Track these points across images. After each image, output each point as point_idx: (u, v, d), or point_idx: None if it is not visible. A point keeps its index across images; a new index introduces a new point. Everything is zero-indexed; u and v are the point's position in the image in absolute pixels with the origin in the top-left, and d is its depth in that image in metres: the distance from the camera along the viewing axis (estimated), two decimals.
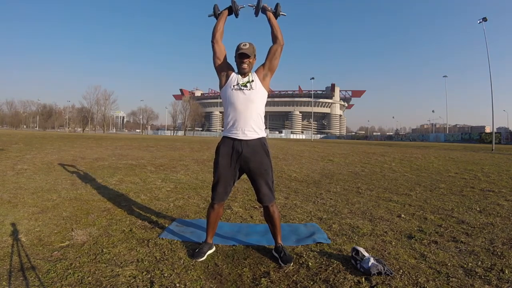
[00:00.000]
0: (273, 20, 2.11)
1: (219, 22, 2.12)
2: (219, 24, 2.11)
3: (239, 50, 1.95)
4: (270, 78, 2.07)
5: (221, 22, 2.12)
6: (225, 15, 2.16)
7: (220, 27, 2.10)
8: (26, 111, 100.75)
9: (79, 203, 3.20)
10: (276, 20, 2.13)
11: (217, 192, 2.01)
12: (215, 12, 2.18)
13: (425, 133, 79.33)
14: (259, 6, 2.17)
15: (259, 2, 2.17)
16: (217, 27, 2.10)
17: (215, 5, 2.19)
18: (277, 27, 2.08)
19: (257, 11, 2.20)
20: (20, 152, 8.39)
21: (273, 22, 2.10)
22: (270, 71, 2.07)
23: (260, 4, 2.16)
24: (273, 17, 2.13)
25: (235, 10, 2.19)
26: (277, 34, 2.06)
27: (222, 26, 2.12)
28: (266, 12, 2.15)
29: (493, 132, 18.82)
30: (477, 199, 3.80)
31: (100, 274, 1.69)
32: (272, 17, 2.12)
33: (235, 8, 2.18)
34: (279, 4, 2.18)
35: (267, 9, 2.16)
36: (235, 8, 2.18)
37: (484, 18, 18.39)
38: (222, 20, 2.13)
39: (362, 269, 1.74)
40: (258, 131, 2.00)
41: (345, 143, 32.47)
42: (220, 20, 2.13)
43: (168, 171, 5.84)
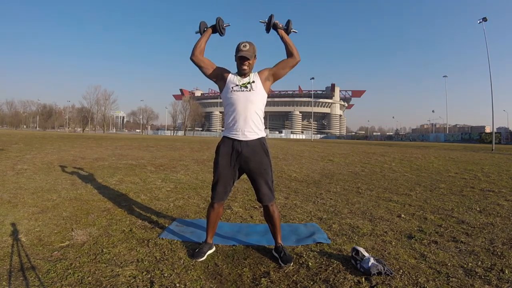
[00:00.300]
0: (286, 37, 2.08)
1: (200, 40, 2.08)
2: (200, 42, 2.07)
3: (239, 52, 1.93)
4: (272, 82, 2.08)
5: (203, 40, 2.08)
6: (209, 33, 2.12)
7: (201, 45, 2.06)
8: (26, 111, 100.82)
9: (79, 203, 3.20)
10: (288, 37, 2.10)
11: (217, 191, 2.01)
12: (200, 29, 2.13)
13: (425, 133, 79.34)
14: (270, 23, 2.11)
15: (271, 19, 2.11)
16: (197, 45, 2.06)
17: (201, 22, 2.14)
18: (292, 44, 2.06)
19: (268, 28, 2.14)
20: (20, 152, 8.40)
21: (286, 40, 2.07)
22: (274, 78, 2.07)
23: (272, 21, 2.11)
24: (285, 34, 2.10)
25: (220, 29, 2.13)
26: (292, 51, 2.04)
27: (203, 44, 2.08)
28: (278, 29, 2.11)
29: (493, 132, 18.82)
30: (477, 199, 3.80)
31: (100, 274, 1.69)
32: (284, 35, 2.09)
33: (219, 27, 2.12)
34: (290, 21, 2.13)
35: (278, 26, 2.11)
36: (219, 27, 2.12)
37: (484, 18, 18.39)
38: (205, 38, 2.09)
39: (362, 269, 1.74)
40: (258, 131, 2.01)
41: (345, 143, 32.47)
42: (202, 37, 2.09)
43: (168, 171, 5.84)
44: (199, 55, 2.05)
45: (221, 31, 2.16)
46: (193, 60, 2.05)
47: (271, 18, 2.12)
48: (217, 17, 2.12)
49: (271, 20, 2.11)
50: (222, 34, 2.18)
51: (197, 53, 2.05)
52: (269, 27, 2.14)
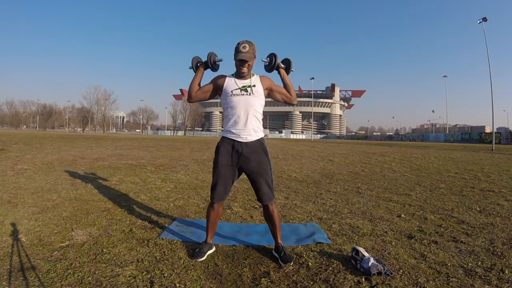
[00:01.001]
0: (287, 80, 2.13)
1: (194, 81, 2.07)
2: (193, 84, 2.07)
3: (238, 55, 1.92)
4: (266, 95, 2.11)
5: (196, 82, 2.07)
6: (201, 72, 2.09)
7: (195, 87, 2.07)
8: (26, 111, 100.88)
9: (79, 203, 3.20)
10: (289, 78, 2.14)
11: (217, 191, 2.01)
12: (193, 65, 2.10)
13: (425, 133, 79.30)
14: (274, 64, 2.08)
15: (275, 60, 2.07)
16: (192, 88, 2.07)
17: (193, 58, 2.12)
18: (291, 86, 2.14)
19: (271, 68, 2.11)
20: (20, 152, 8.40)
21: (287, 82, 2.13)
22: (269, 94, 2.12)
23: (275, 62, 2.07)
24: (287, 76, 2.14)
25: (211, 65, 2.08)
26: (290, 93, 2.13)
27: (197, 85, 2.07)
28: (279, 69, 2.12)
29: (493, 132, 18.83)
30: (477, 199, 3.80)
31: (100, 274, 1.69)
32: (286, 77, 2.13)
33: (212, 64, 2.07)
34: (291, 61, 2.14)
35: (280, 66, 2.12)
36: (212, 64, 2.07)
37: (484, 18, 18.40)
38: (197, 79, 2.08)
39: (362, 269, 1.74)
40: (257, 133, 2.02)
41: (345, 143, 32.47)
42: (195, 79, 2.08)
43: (168, 171, 5.84)
44: (193, 96, 2.07)
45: (213, 67, 2.11)
46: (191, 102, 2.14)
47: (275, 58, 2.07)
48: (208, 53, 2.07)
49: (275, 60, 2.07)
50: (214, 70, 2.13)
51: (193, 96, 2.08)
52: (272, 68, 2.10)
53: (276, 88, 2.12)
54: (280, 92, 2.13)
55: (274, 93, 2.12)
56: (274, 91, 2.11)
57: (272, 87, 2.10)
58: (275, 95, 2.13)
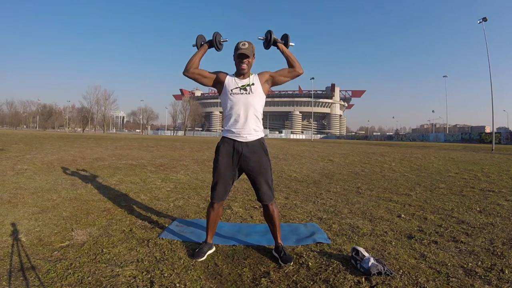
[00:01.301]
0: (287, 51, 2.08)
1: (195, 56, 2.03)
2: (194, 58, 2.01)
3: (238, 50, 1.93)
4: (270, 86, 2.09)
5: (198, 56, 2.03)
6: (205, 49, 2.07)
7: (195, 62, 2.01)
8: (26, 111, 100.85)
9: (79, 203, 3.20)
10: (289, 50, 2.10)
11: (217, 191, 2.01)
12: (197, 43, 2.09)
13: (425, 133, 79.30)
14: (270, 40, 2.08)
15: (270, 36, 2.08)
16: (191, 61, 2.00)
17: (198, 36, 2.11)
18: (294, 57, 2.07)
19: (268, 44, 2.11)
20: (20, 152, 8.39)
21: (288, 54, 2.07)
22: (273, 83, 2.07)
23: (271, 38, 2.08)
24: (286, 48, 2.10)
25: (216, 45, 2.07)
26: (294, 64, 2.05)
27: (197, 60, 2.02)
28: (278, 44, 2.10)
29: (493, 132, 18.83)
30: (477, 199, 3.80)
31: (100, 274, 1.69)
32: (285, 49, 2.09)
33: (216, 43, 2.07)
34: (288, 35, 2.12)
35: (277, 41, 2.10)
36: (216, 43, 2.07)
37: (484, 18, 18.40)
38: (199, 54, 2.04)
39: (362, 269, 1.74)
40: (257, 132, 2.01)
41: (345, 143, 32.46)
42: (197, 53, 2.04)
43: (168, 171, 5.84)
44: (191, 70, 2.00)
45: (218, 47, 2.10)
46: (186, 75, 2.01)
47: (271, 34, 2.08)
48: (214, 32, 2.07)
49: (271, 36, 2.08)
50: (218, 49, 2.11)
51: (189, 69, 2.00)
52: (269, 44, 2.11)
53: (277, 72, 2.07)
54: (282, 73, 2.07)
55: (277, 77, 2.06)
56: (275, 76, 2.06)
57: (272, 75, 2.06)
58: (279, 78, 2.07)
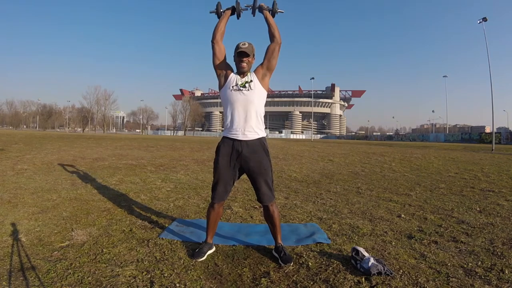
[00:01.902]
0: (270, 19, 2.08)
1: (220, 22, 2.09)
2: (220, 24, 2.08)
3: (238, 49, 1.94)
4: (269, 77, 2.06)
5: (223, 22, 2.09)
6: (228, 15, 2.13)
7: (222, 27, 2.08)
8: (26, 111, 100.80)
9: (79, 203, 3.20)
10: (273, 19, 2.10)
11: (217, 191, 2.01)
12: (217, 10, 2.14)
13: (425, 133, 79.26)
14: (255, 6, 2.14)
15: (255, 1, 2.13)
16: (218, 27, 2.06)
17: (218, 3, 2.15)
18: (274, 25, 2.06)
19: (253, 10, 2.17)
20: (20, 152, 8.39)
21: (270, 21, 2.07)
22: (269, 71, 2.05)
23: (256, 3, 2.13)
24: (269, 15, 2.10)
25: (238, 12, 2.15)
26: (274, 33, 2.03)
27: (223, 26, 2.09)
28: (263, 11, 2.12)
29: (493, 132, 18.82)
30: (477, 199, 3.80)
31: (100, 274, 1.69)
32: (269, 16, 2.10)
33: (238, 10, 2.14)
34: (275, 1, 2.14)
35: (263, 7, 2.12)
36: (238, 10, 2.14)
37: (484, 18, 18.40)
38: (224, 20, 2.10)
39: (362, 269, 1.74)
40: (258, 131, 2.00)
41: (345, 143, 32.46)
42: (222, 20, 2.10)
43: (168, 171, 5.84)
44: (219, 40, 2.06)
45: (239, 14, 2.17)
46: (214, 43, 2.04)
47: (255, 0, 2.12)
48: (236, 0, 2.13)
49: (255, 2, 2.12)
50: (239, 17, 2.20)
51: (218, 37, 2.05)
52: (254, 9, 2.16)
53: (265, 60, 2.04)
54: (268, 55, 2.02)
55: (267, 65, 2.03)
56: (266, 65, 2.03)
57: (263, 67, 2.03)
58: (269, 64, 2.03)
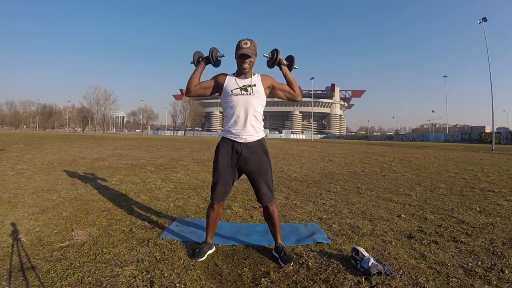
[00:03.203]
0: (290, 76, 2.09)
1: (194, 75, 2.03)
2: (193, 78, 2.02)
3: (239, 50, 1.90)
4: (269, 93, 2.09)
5: (196, 75, 2.04)
6: (202, 66, 2.06)
7: (195, 81, 2.02)
8: (26, 111, 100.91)
9: (79, 203, 3.20)
10: (291, 74, 2.11)
11: (217, 192, 2.01)
12: (194, 60, 2.08)
13: (425, 133, 79.29)
14: (276, 59, 2.07)
15: (276, 55, 2.06)
16: (191, 81, 2.02)
17: (195, 53, 2.09)
18: (294, 83, 2.08)
19: (272, 64, 2.10)
20: (20, 152, 8.40)
21: (290, 78, 2.08)
22: (271, 93, 2.09)
23: (277, 58, 2.06)
24: (289, 72, 2.10)
25: (214, 61, 2.06)
26: (294, 90, 2.08)
27: (197, 79, 2.03)
28: (281, 65, 2.10)
29: (493, 132, 18.83)
30: (477, 199, 3.80)
31: (100, 274, 1.69)
32: (288, 73, 2.09)
33: (213, 59, 2.05)
34: (294, 57, 2.11)
35: (282, 62, 2.09)
36: (213, 59, 2.05)
37: (484, 18, 18.41)
38: (198, 74, 2.04)
39: (362, 269, 1.74)
40: (258, 132, 2.00)
41: (345, 143, 32.46)
42: (195, 72, 2.04)
43: (168, 171, 5.84)
44: (192, 89, 2.03)
45: (215, 63, 2.08)
46: (189, 96, 2.10)
47: (277, 53, 2.06)
48: (210, 48, 2.05)
49: (277, 55, 2.06)
50: (216, 65, 2.10)
51: (190, 88, 2.03)
52: (273, 63, 2.09)
53: (279, 85, 2.08)
54: (283, 90, 2.09)
55: (276, 91, 2.09)
56: (276, 89, 2.08)
57: (274, 85, 2.07)
58: (278, 92, 2.09)
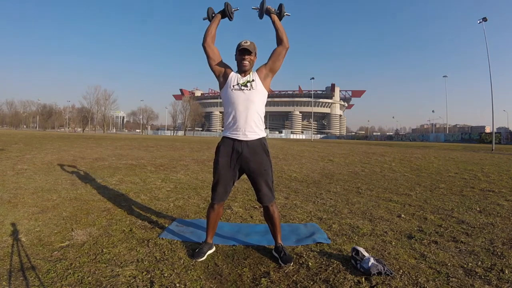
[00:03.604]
0: (278, 23, 2.07)
1: (211, 26, 2.08)
2: (210, 28, 2.07)
3: (240, 47, 1.94)
4: (271, 78, 2.05)
5: (213, 26, 2.09)
6: (218, 18, 2.13)
7: (212, 31, 2.07)
8: (26, 111, 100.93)
9: (79, 203, 3.20)
10: (280, 22, 2.10)
11: (217, 192, 2.01)
12: (208, 15, 2.15)
13: (425, 133, 79.27)
14: (263, 9, 2.13)
15: (263, 5, 2.12)
16: (208, 31, 2.06)
17: (209, 8, 2.16)
18: (282, 30, 2.05)
19: (261, 13, 2.16)
20: (20, 152, 8.39)
21: (277, 25, 2.06)
22: (272, 72, 2.04)
23: (264, 7, 2.12)
24: (277, 19, 2.09)
25: (229, 14, 2.15)
26: (282, 37, 2.02)
27: (214, 29, 2.09)
28: (270, 14, 2.11)
29: (493, 132, 18.83)
30: (477, 199, 3.80)
31: (100, 274, 1.69)
32: (276, 20, 2.08)
33: (229, 12, 2.14)
34: (283, 4, 2.14)
35: (270, 11, 2.11)
36: (229, 12, 2.14)
37: (484, 18, 18.41)
38: (215, 24, 2.10)
39: (362, 269, 1.74)
40: (258, 131, 2.00)
41: (345, 143, 32.46)
42: (212, 23, 2.10)
43: (168, 171, 5.84)
44: (210, 43, 2.05)
45: (230, 16, 2.17)
46: (205, 46, 2.05)
47: (263, 3, 2.12)
48: (225, 2, 2.13)
49: (264, 5, 2.12)
50: (231, 19, 2.20)
51: (208, 40, 2.05)
52: (262, 13, 2.15)
53: (269, 61, 2.03)
54: (274, 57, 2.02)
55: (272, 66, 2.02)
56: (270, 66, 2.02)
57: (267, 67, 2.02)
58: (274, 65, 2.02)
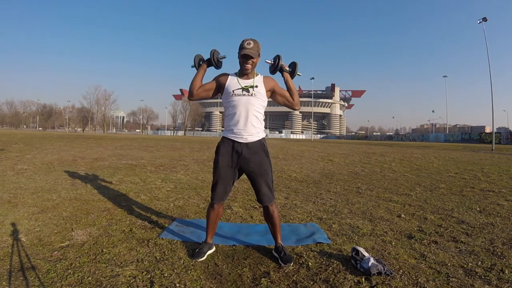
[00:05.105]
0: (291, 82, 2.07)
1: (196, 78, 2.03)
2: (195, 80, 2.02)
3: (242, 50, 1.90)
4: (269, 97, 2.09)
5: (198, 77, 2.03)
6: (204, 68, 2.06)
7: (196, 84, 2.02)
8: (26, 111, 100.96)
9: (79, 203, 3.20)
10: (292, 82, 2.09)
11: (217, 192, 2.01)
12: (195, 63, 2.08)
13: (425, 133, 79.25)
14: (277, 65, 2.06)
15: (278, 61, 2.05)
16: (193, 85, 2.02)
17: (195, 56, 2.10)
18: (295, 91, 2.07)
19: (274, 69, 2.09)
20: (20, 152, 8.39)
21: (290, 85, 2.06)
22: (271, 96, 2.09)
23: (279, 63, 2.05)
24: (290, 78, 2.08)
25: (215, 63, 2.06)
26: (294, 98, 2.07)
27: (199, 82, 2.03)
28: (283, 72, 2.08)
29: (493, 132, 18.84)
30: (477, 199, 3.80)
31: (100, 274, 1.69)
32: (289, 79, 2.08)
33: (214, 60, 2.05)
34: (296, 64, 2.10)
35: (284, 69, 2.08)
36: (214, 60, 2.05)
37: (484, 18, 18.42)
38: (200, 76, 2.04)
39: (362, 269, 1.74)
40: (258, 133, 2.00)
41: (345, 143, 32.46)
42: (197, 75, 2.04)
43: (168, 171, 5.84)
44: (195, 93, 2.02)
45: (217, 65, 2.08)
46: (192, 99, 2.08)
47: (279, 59, 2.05)
48: (211, 50, 2.05)
49: (278, 61, 2.05)
50: (218, 67, 2.10)
51: (194, 93, 2.02)
52: (275, 69, 2.08)
53: (279, 90, 2.08)
54: (283, 95, 2.08)
55: (276, 95, 2.08)
56: (276, 93, 2.07)
57: (275, 89, 2.06)
58: (277, 97, 2.09)
